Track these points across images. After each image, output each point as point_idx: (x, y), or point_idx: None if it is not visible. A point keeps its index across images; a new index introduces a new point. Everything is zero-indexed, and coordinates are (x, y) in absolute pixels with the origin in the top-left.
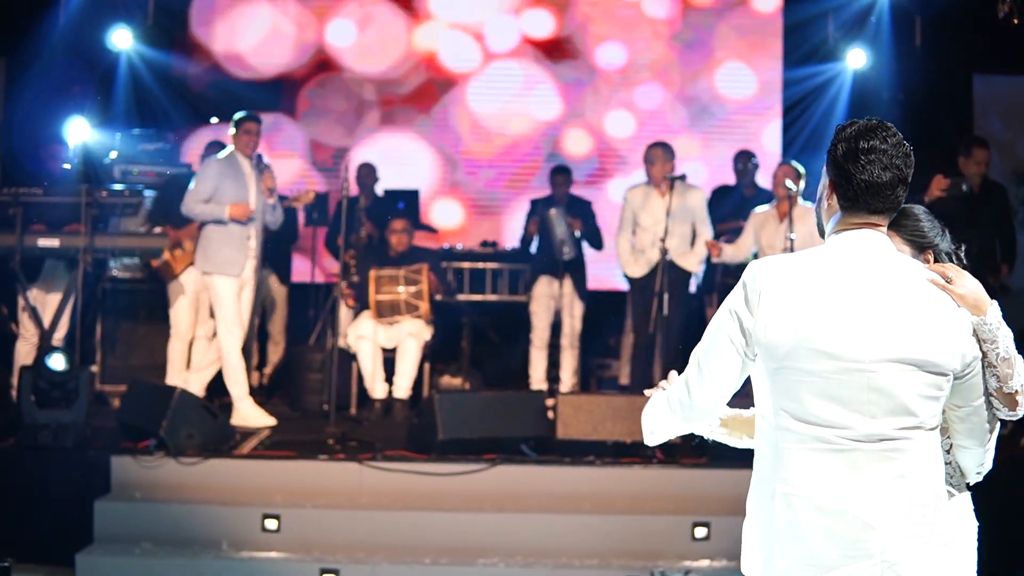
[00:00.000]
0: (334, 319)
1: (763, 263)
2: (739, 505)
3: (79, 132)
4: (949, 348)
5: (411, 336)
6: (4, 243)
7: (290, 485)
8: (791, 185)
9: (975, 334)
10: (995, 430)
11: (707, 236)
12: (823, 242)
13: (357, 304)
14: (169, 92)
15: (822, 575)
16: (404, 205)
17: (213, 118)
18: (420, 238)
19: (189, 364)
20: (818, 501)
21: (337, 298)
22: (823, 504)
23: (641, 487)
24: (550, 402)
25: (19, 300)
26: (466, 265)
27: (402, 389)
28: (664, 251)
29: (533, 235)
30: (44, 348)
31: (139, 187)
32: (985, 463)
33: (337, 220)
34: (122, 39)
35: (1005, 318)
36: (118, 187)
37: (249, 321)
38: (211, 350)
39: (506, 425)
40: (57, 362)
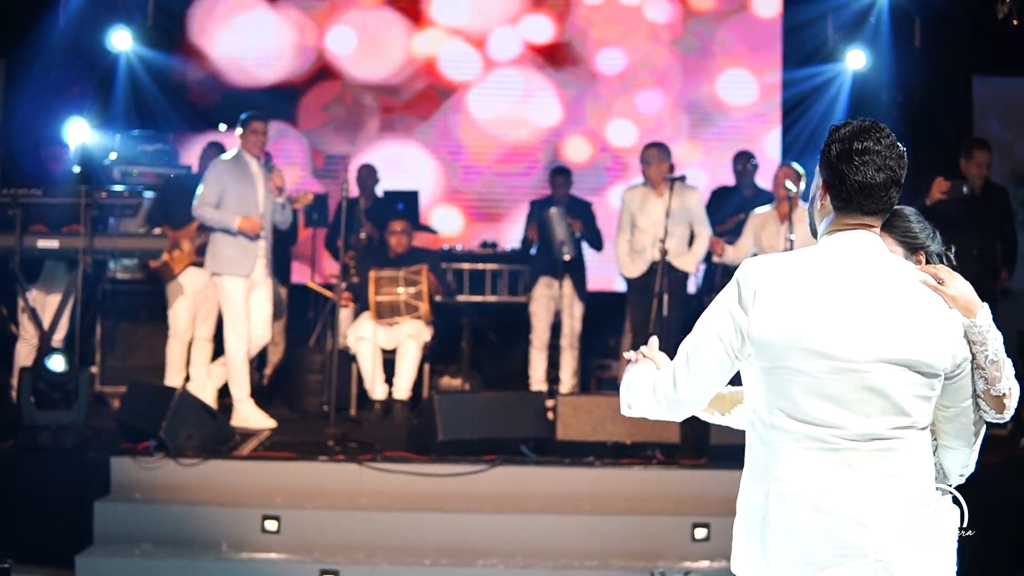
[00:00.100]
0: (334, 320)
1: (757, 262)
2: None
3: (79, 133)
4: (941, 349)
5: (411, 337)
6: (4, 244)
7: (290, 486)
8: (791, 186)
9: (965, 336)
10: (981, 432)
11: (706, 236)
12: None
13: (357, 304)
14: (168, 94)
15: (816, 574)
16: (404, 206)
17: (221, 125)
18: (420, 239)
19: (189, 364)
20: (812, 500)
21: (337, 299)
22: (817, 503)
23: (641, 488)
24: (550, 403)
25: (19, 301)
26: (466, 266)
27: (402, 390)
28: (664, 252)
29: (533, 241)
30: (44, 349)
31: (138, 188)
32: (969, 465)
33: (337, 221)
34: (121, 40)
35: (1007, 320)
36: (117, 188)
37: (271, 322)
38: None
39: (506, 426)
40: (57, 363)
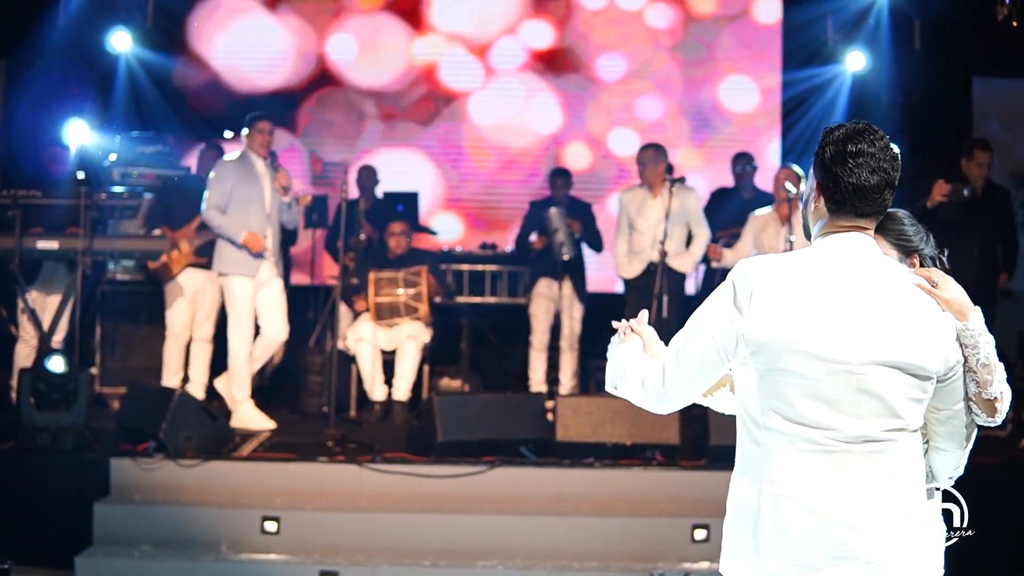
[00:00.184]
0: (333, 322)
1: (752, 262)
2: None
3: (78, 134)
4: (934, 351)
5: (410, 338)
6: (3, 245)
7: (290, 487)
8: (791, 188)
9: (958, 339)
10: (973, 435)
11: (704, 236)
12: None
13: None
14: (168, 96)
15: (810, 575)
16: (403, 207)
17: (227, 132)
18: (419, 241)
19: (189, 365)
20: (806, 502)
21: (336, 300)
22: (811, 505)
23: (641, 489)
24: (549, 404)
25: (18, 302)
26: (465, 267)
27: (401, 391)
28: (664, 253)
29: (536, 248)
30: (43, 350)
31: (138, 189)
32: (959, 468)
33: (337, 223)
34: (121, 42)
35: (1007, 320)
36: (117, 189)
37: (286, 319)
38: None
39: (505, 427)
40: (56, 364)
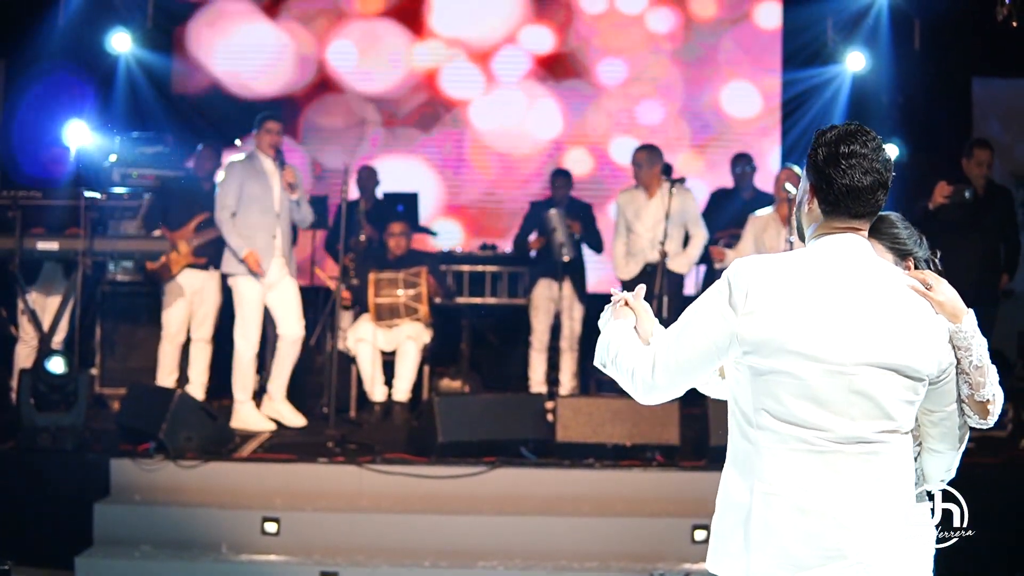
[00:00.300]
0: (333, 322)
1: (748, 262)
2: None
3: (78, 135)
4: (927, 353)
5: (410, 339)
6: (3, 246)
7: (290, 488)
8: (791, 188)
9: (950, 341)
10: (966, 437)
11: (702, 237)
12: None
13: (356, 307)
14: (168, 97)
15: (798, 574)
16: (403, 208)
17: (237, 141)
18: (420, 242)
19: (189, 367)
20: (797, 501)
21: (336, 301)
22: (802, 504)
23: (641, 490)
24: (550, 405)
25: (18, 303)
26: (465, 268)
27: (401, 392)
28: (663, 254)
29: (534, 248)
30: (43, 351)
31: (138, 190)
32: (951, 470)
33: (337, 223)
34: (121, 42)
35: (1008, 320)
36: (117, 190)
37: (300, 317)
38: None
39: (506, 428)
40: (56, 365)
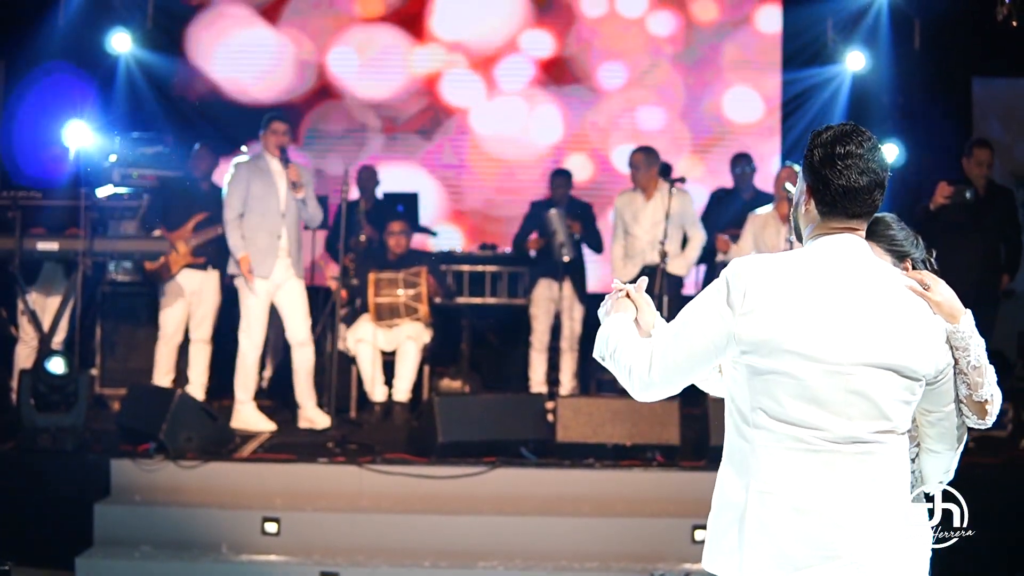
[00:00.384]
0: (333, 322)
1: (746, 261)
2: None
3: (78, 135)
4: (924, 354)
5: (410, 339)
6: (3, 246)
7: (290, 488)
8: (791, 187)
9: (948, 341)
10: (964, 437)
11: (700, 239)
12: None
13: (352, 305)
14: (168, 97)
15: (792, 574)
16: (403, 208)
17: (243, 147)
18: (420, 242)
19: (188, 367)
20: (793, 500)
21: (336, 302)
22: (798, 504)
23: (641, 490)
24: (550, 405)
25: (18, 303)
26: (465, 268)
27: (402, 392)
28: (664, 255)
29: (533, 248)
30: (43, 351)
31: (138, 190)
32: (950, 471)
33: (337, 224)
34: (121, 43)
35: (1008, 320)
36: (117, 190)
37: (307, 318)
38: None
39: (506, 428)
40: (56, 365)
